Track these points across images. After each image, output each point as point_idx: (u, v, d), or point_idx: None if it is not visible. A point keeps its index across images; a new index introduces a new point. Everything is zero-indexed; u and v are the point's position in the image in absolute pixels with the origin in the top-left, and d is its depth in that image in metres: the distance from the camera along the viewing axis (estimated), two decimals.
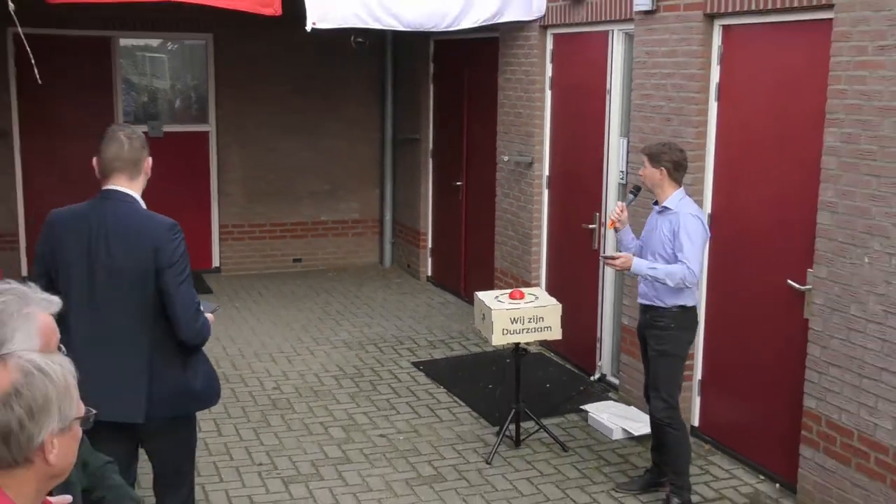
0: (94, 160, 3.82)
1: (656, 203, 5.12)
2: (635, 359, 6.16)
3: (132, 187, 3.82)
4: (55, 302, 2.23)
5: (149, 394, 3.73)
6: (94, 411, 1.84)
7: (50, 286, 3.57)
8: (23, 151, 9.70)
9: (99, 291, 3.72)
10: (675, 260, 4.91)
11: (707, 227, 5.02)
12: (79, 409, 1.82)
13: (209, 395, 4.00)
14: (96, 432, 3.56)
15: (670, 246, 4.94)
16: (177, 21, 9.83)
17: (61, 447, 1.76)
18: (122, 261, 3.70)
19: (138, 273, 3.69)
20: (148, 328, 3.74)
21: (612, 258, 5.13)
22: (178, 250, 3.74)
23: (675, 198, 5.01)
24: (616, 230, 5.34)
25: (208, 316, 3.84)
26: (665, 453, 5.17)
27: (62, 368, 1.78)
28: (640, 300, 5.21)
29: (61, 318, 3.69)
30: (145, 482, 4.54)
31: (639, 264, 4.98)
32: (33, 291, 2.20)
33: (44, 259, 3.82)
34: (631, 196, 5.43)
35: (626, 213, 5.27)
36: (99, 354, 3.66)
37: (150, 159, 3.90)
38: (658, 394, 5.07)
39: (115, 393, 3.62)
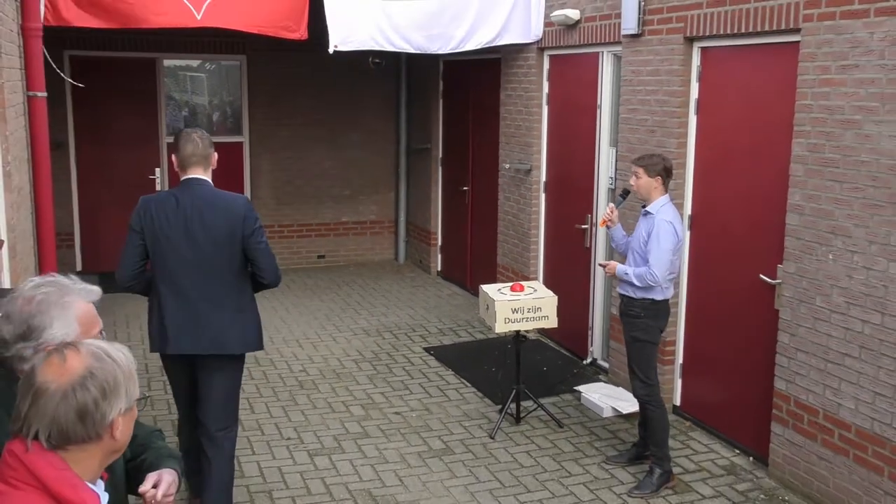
0: (173, 157, 4.28)
1: (644, 206, 5.11)
2: (622, 344, 6.14)
3: (206, 175, 4.28)
4: (95, 291, 2.21)
5: (242, 331, 4.31)
6: (148, 394, 1.85)
7: (145, 254, 4.21)
8: (78, 160, 9.71)
9: (196, 254, 4.18)
10: (647, 259, 4.92)
11: (679, 232, 4.94)
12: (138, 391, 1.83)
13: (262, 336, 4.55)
14: (175, 361, 4.24)
15: (645, 246, 4.94)
16: (214, 44, 9.85)
17: (124, 425, 1.77)
18: (217, 228, 4.18)
19: (229, 236, 4.19)
20: (234, 280, 4.28)
21: (605, 265, 5.25)
22: (257, 217, 4.30)
23: (658, 203, 4.99)
24: (608, 228, 5.35)
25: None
26: (647, 427, 5.17)
27: (125, 355, 1.79)
28: (618, 289, 5.23)
29: (161, 277, 4.16)
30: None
31: (620, 269, 5.04)
32: (74, 283, 2.18)
33: (141, 233, 4.19)
34: (620, 199, 5.41)
35: (616, 214, 5.27)
36: (199, 303, 4.20)
37: (216, 154, 4.34)
38: (635, 375, 5.08)
39: (215, 331, 4.22)
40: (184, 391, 4.44)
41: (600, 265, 5.53)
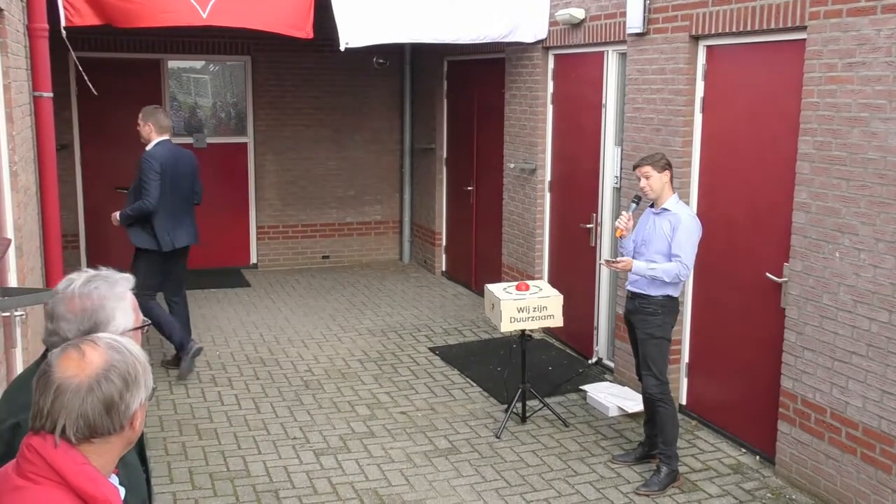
0: (150, 125, 6.46)
1: (652, 206, 5.09)
2: (628, 344, 6.13)
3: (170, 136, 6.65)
4: (131, 279, 2.26)
5: (194, 230, 6.77)
6: (155, 386, 1.84)
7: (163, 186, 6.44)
8: (82, 162, 9.73)
9: (178, 185, 6.56)
10: (671, 254, 4.90)
11: (700, 228, 5.00)
12: None
13: None
14: (174, 254, 6.72)
15: (668, 242, 4.93)
16: (219, 45, 9.87)
17: (141, 416, 1.77)
18: (188, 168, 6.64)
19: (191, 174, 6.69)
20: (190, 199, 6.74)
21: (615, 262, 5.05)
22: None
23: (673, 200, 5.00)
24: (622, 237, 5.19)
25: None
26: (656, 426, 5.15)
27: (138, 347, 1.79)
28: (629, 287, 5.16)
29: (162, 202, 6.46)
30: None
31: (638, 265, 4.94)
32: (113, 274, 2.23)
33: (161, 174, 6.38)
34: (633, 205, 5.25)
35: (631, 222, 5.17)
36: (180, 216, 6.60)
37: None
38: (650, 372, 5.05)
39: (187, 231, 6.69)
40: (163, 278, 6.77)
41: (607, 262, 5.24)
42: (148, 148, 6.46)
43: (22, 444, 1.68)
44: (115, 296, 2.18)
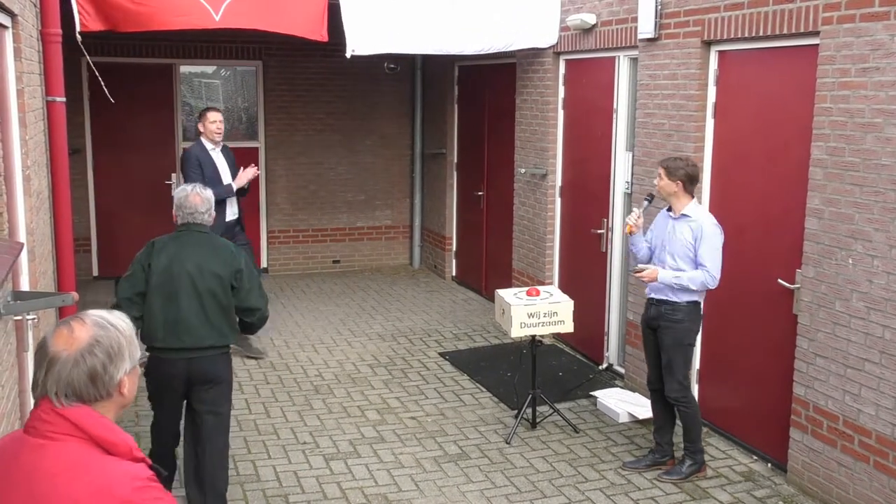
0: None
1: (669, 209, 5.09)
2: (639, 350, 6.11)
3: None
4: None
5: None
6: (147, 354, 2.07)
7: None
8: (94, 166, 9.77)
9: None
10: (696, 262, 4.94)
11: (722, 235, 5.03)
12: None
13: None
14: None
15: (692, 250, 4.96)
16: (231, 50, 9.91)
17: (130, 383, 1.95)
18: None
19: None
20: None
21: (640, 270, 5.08)
22: None
23: (691, 207, 5.02)
24: (631, 234, 5.27)
25: None
26: (666, 433, 5.21)
27: (125, 322, 1.97)
28: (652, 294, 5.14)
29: None
30: None
31: (664, 275, 4.97)
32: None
33: None
34: (646, 203, 5.38)
35: (642, 220, 5.24)
36: None
37: None
38: (674, 377, 5.07)
39: None
40: None
41: (634, 272, 5.24)
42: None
43: (34, 411, 1.88)
44: (212, 195, 4.49)
